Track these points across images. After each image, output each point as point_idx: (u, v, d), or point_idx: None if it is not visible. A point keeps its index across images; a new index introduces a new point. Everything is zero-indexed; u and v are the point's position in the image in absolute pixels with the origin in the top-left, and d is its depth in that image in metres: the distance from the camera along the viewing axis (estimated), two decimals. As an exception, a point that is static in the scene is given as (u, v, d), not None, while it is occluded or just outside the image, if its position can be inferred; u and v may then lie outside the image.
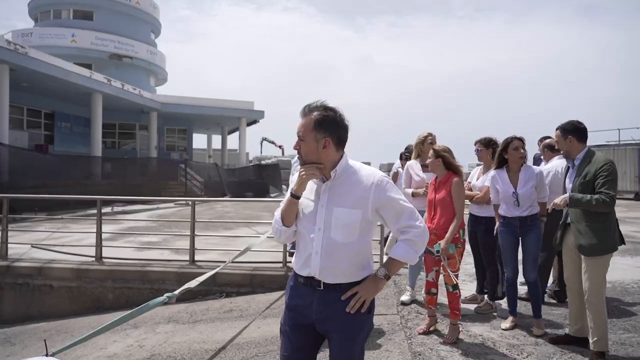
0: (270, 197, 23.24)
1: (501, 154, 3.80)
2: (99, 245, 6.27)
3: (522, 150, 3.73)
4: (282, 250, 5.94)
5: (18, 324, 5.74)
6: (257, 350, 3.59)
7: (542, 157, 5.23)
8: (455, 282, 3.55)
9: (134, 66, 26.93)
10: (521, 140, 3.77)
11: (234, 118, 26.55)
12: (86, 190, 14.07)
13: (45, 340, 3.03)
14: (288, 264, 5.88)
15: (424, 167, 4.51)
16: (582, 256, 3.14)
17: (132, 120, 25.37)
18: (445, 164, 3.66)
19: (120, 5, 26.61)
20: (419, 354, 3.24)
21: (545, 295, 4.52)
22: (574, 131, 3.29)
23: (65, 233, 8.20)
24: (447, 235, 3.51)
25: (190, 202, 6.65)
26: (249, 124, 28.04)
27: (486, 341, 3.50)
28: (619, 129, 23.47)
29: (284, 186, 26.26)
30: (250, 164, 30.28)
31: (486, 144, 4.43)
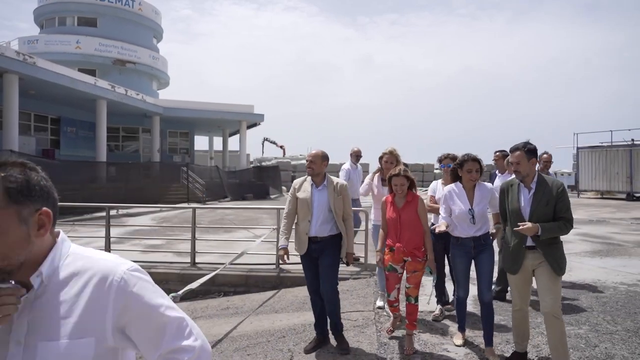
0: (270, 198, 23.88)
1: (455, 169, 3.74)
2: (106, 249, 6.84)
3: (474, 173, 3.62)
4: (275, 253, 6.51)
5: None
6: (248, 342, 4.16)
7: (497, 172, 5.52)
8: (417, 294, 3.69)
9: (137, 71, 27.56)
10: (476, 161, 3.65)
11: (235, 121, 27.15)
12: (91, 194, 14.66)
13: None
14: (281, 266, 6.46)
15: (384, 181, 4.75)
16: (544, 276, 3.14)
17: (136, 124, 26.02)
18: (410, 185, 3.74)
19: (123, 11, 27.26)
20: (385, 344, 3.81)
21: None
22: (535, 153, 3.27)
23: (73, 237, 8.78)
24: (430, 255, 3.67)
25: (206, 207, 7.22)
26: (249, 127, 28.64)
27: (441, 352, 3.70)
28: (611, 131, 23.95)
29: (283, 187, 26.87)
30: (251, 166, 30.89)
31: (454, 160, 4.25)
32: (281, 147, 45.77)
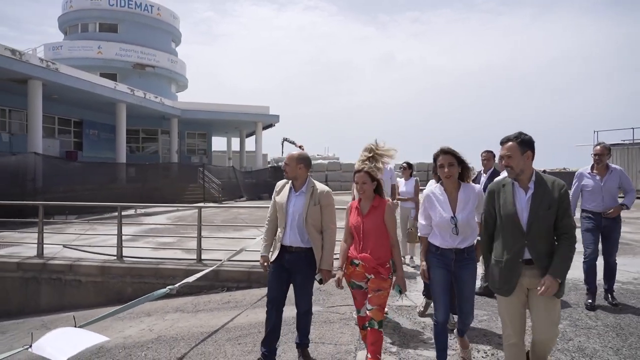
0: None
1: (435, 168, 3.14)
2: (119, 246, 7.23)
3: (447, 169, 2.98)
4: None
5: (53, 313, 6.74)
6: (241, 333, 4.43)
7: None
8: (383, 318, 3.14)
9: (156, 74, 28.30)
10: (449, 153, 3.02)
11: (251, 122, 27.61)
12: (111, 194, 15.23)
13: (74, 316, 3.93)
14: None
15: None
16: (542, 298, 2.60)
17: (155, 126, 26.73)
18: (377, 188, 3.22)
19: (143, 17, 28.03)
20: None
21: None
22: (531, 145, 2.69)
23: (92, 234, 9.24)
24: (399, 271, 3.12)
25: (213, 205, 7.57)
26: (265, 128, 29.07)
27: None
28: (632, 128, 23.45)
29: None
30: (269, 166, 31.33)
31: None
32: (300, 146, 46.13)
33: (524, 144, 2.66)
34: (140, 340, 4.64)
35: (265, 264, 3.56)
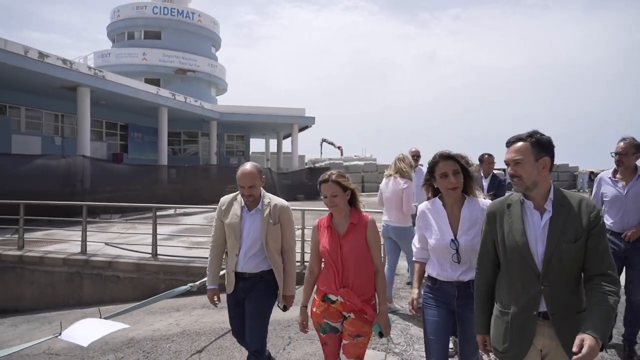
0: (321, 199, 24.45)
1: (430, 179, 2.48)
2: (154, 245, 7.69)
3: (451, 179, 2.34)
4: (300, 251, 6.99)
5: (94, 306, 7.28)
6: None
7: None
8: None
9: (197, 79, 29.35)
10: (452, 159, 2.38)
11: (287, 124, 28.11)
12: (154, 195, 16.01)
13: (99, 308, 4.31)
14: (305, 263, 6.93)
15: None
16: None
17: (195, 129, 27.75)
18: (352, 199, 2.58)
19: (185, 24, 29.18)
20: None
21: None
22: (550, 149, 1.93)
23: (132, 233, 9.83)
24: (381, 306, 2.45)
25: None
26: (301, 130, 29.49)
27: None
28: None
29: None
30: (306, 167, 31.76)
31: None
32: (339, 147, 46.52)
33: (540, 146, 1.89)
34: (166, 334, 4.98)
35: (215, 298, 3.08)
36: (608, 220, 3.76)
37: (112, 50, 28.95)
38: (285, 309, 3.02)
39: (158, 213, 13.85)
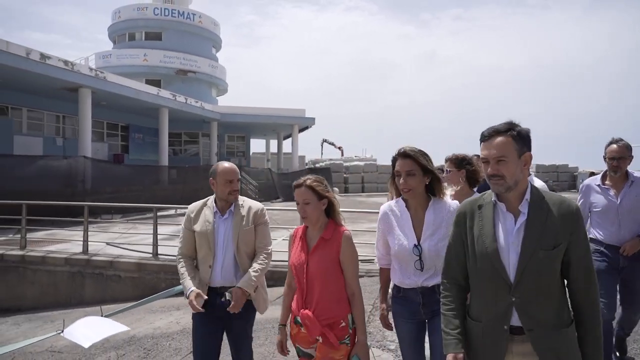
0: (321, 199, 24.61)
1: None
2: (155, 244, 7.79)
3: (407, 179, 2.12)
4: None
5: (95, 305, 7.37)
6: (256, 327, 4.74)
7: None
8: None
9: (198, 80, 29.47)
10: (410, 157, 2.13)
11: (287, 125, 28.22)
12: (154, 195, 16.11)
13: (100, 307, 4.40)
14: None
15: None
16: None
17: (196, 129, 27.88)
18: (330, 210, 2.27)
19: (185, 25, 29.31)
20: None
21: None
22: (530, 143, 1.71)
23: (133, 233, 9.92)
24: (360, 335, 2.19)
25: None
26: (301, 130, 29.60)
27: None
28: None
29: (336, 189, 27.50)
30: (306, 167, 31.87)
31: (458, 164, 3.00)
32: (339, 148, 46.64)
33: (522, 140, 1.66)
34: (167, 331, 5.07)
35: (198, 299, 2.50)
36: (600, 233, 3.31)
37: (113, 51, 29.08)
38: (228, 302, 2.50)
39: (159, 213, 14.02)
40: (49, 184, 13.22)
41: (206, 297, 2.55)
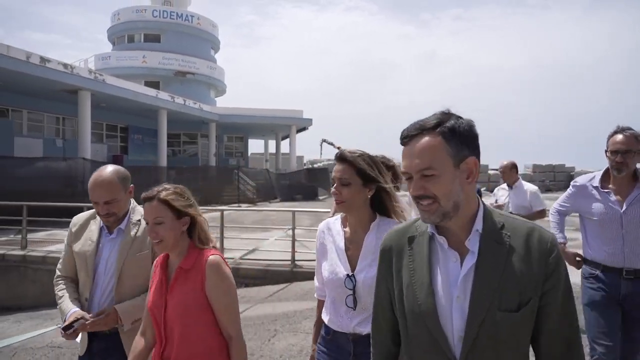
0: (319, 199, 24.84)
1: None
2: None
3: (340, 190, 1.70)
4: (291, 250, 7.32)
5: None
6: (245, 323, 4.95)
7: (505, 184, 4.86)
8: None
9: (196, 81, 29.71)
10: (349, 163, 1.70)
11: (285, 125, 28.45)
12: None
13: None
14: (295, 262, 7.26)
15: None
16: None
17: (195, 130, 28.10)
18: (191, 225, 1.77)
19: (184, 26, 29.54)
20: None
21: None
22: (475, 142, 1.13)
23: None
24: None
25: (242, 206, 8.27)
26: (299, 131, 29.83)
27: None
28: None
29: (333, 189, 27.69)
30: (305, 167, 32.13)
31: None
32: (338, 148, 46.70)
33: (460, 138, 1.10)
34: (162, 328, 5.32)
35: (78, 322, 1.89)
36: (599, 251, 2.55)
37: (112, 53, 29.30)
38: (68, 327, 1.87)
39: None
40: (49, 184, 13.45)
41: (89, 318, 1.91)
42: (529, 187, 4.64)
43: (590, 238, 2.64)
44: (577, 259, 2.75)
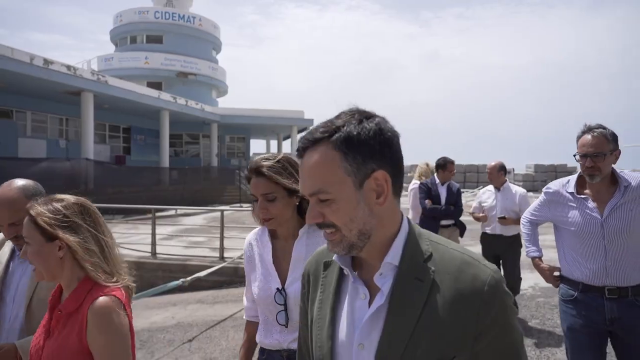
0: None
1: None
2: (153, 244, 8.16)
3: (262, 204, 1.56)
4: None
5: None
6: (244, 321, 5.13)
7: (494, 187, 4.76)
8: None
9: (198, 82, 29.87)
10: (266, 177, 1.54)
11: (286, 126, 28.60)
12: (155, 196, 16.51)
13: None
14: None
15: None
16: None
17: (197, 131, 28.28)
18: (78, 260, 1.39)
19: (186, 28, 29.73)
20: None
21: None
22: (388, 147, 0.85)
23: (133, 233, 10.30)
24: None
25: (243, 206, 8.40)
26: (300, 131, 29.94)
27: None
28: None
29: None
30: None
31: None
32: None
33: (360, 148, 0.83)
34: (162, 325, 5.45)
35: None
36: (576, 266, 2.23)
37: (115, 54, 29.50)
38: None
39: (159, 214, 14.44)
40: (53, 185, 13.41)
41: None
42: (518, 189, 4.50)
43: (567, 251, 2.28)
44: (555, 273, 2.36)
